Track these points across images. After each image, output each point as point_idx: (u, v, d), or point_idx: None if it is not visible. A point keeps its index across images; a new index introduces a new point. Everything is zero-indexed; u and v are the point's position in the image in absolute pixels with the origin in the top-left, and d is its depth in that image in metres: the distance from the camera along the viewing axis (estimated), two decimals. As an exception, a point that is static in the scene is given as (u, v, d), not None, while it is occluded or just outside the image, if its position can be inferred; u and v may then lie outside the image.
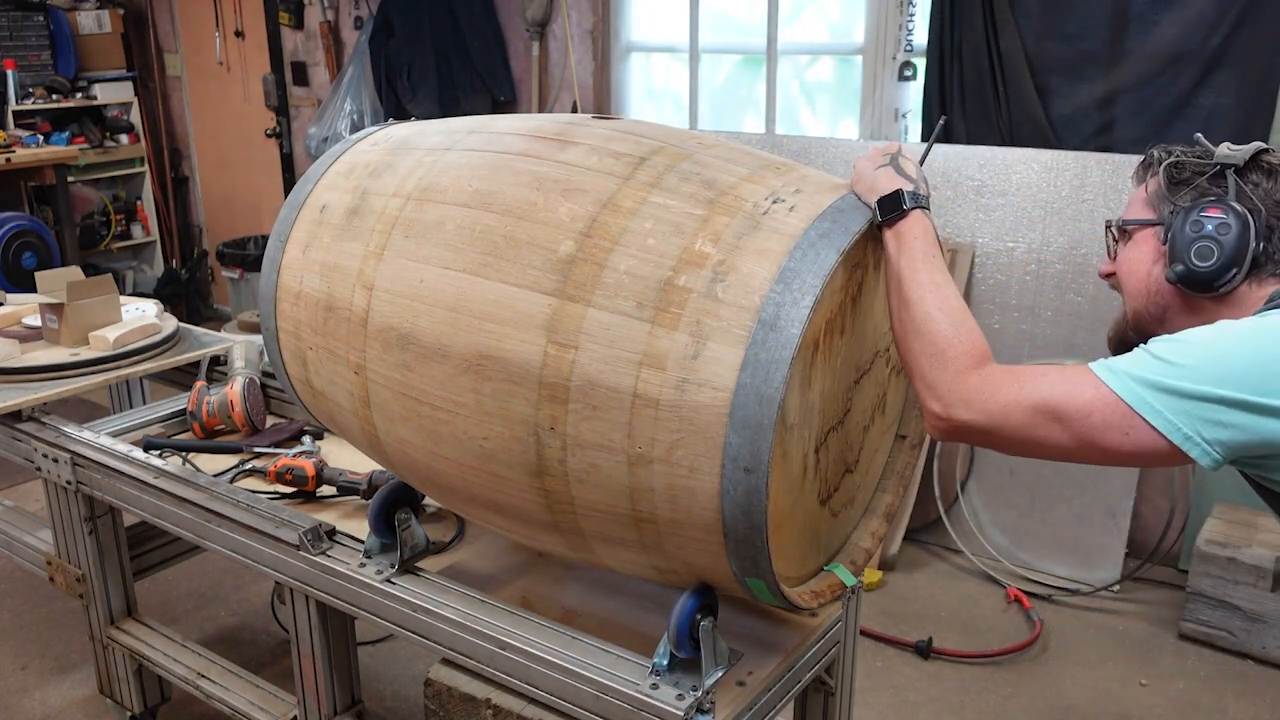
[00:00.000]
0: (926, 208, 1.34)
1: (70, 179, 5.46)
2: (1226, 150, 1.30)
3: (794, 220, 1.31)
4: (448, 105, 4.62)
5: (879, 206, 1.33)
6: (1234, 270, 1.25)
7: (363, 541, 1.75)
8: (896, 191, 1.33)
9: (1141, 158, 1.40)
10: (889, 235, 1.33)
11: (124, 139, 5.98)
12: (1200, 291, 1.28)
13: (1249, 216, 1.25)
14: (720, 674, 1.42)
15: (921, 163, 1.43)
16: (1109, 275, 1.43)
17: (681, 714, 1.35)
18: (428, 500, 1.88)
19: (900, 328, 1.30)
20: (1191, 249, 1.27)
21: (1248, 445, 1.15)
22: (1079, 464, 1.21)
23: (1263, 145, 1.30)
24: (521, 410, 1.37)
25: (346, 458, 2.17)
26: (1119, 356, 1.20)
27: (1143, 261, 1.35)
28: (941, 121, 1.72)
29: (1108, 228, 1.41)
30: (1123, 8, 3.21)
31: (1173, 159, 1.33)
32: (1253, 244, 1.25)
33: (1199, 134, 1.38)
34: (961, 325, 1.25)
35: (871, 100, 3.90)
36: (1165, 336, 1.21)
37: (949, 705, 2.80)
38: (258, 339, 2.58)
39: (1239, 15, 3.02)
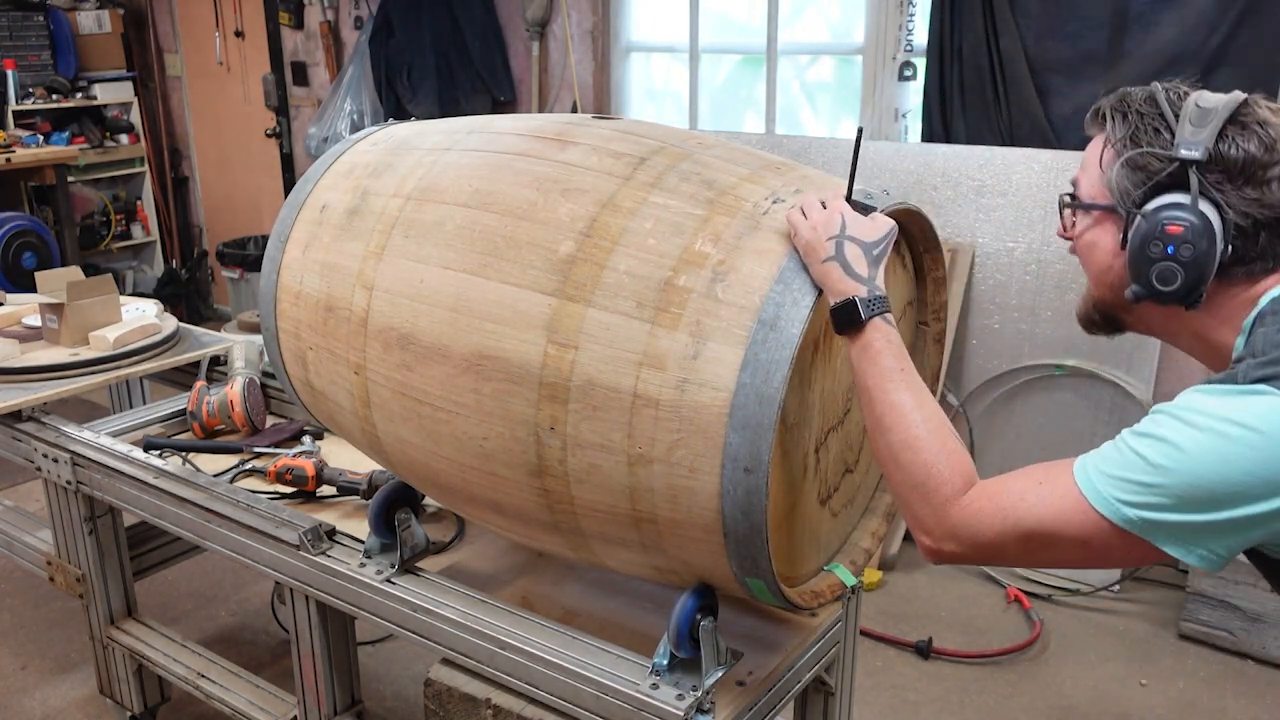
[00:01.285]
0: (885, 310, 1.24)
1: (70, 179, 5.46)
2: (1188, 135, 1.14)
3: (794, 220, 1.31)
4: (448, 105, 4.62)
5: (833, 317, 1.25)
6: (1200, 287, 1.14)
7: (363, 541, 1.75)
8: (849, 301, 1.23)
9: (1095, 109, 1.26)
10: (851, 347, 1.25)
11: (124, 139, 5.98)
12: (1169, 304, 1.17)
13: (1213, 223, 1.12)
14: (720, 674, 1.42)
15: (849, 194, 1.33)
16: (1066, 237, 1.32)
17: (681, 714, 1.35)
18: (428, 500, 1.88)
19: (878, 452, 1.22)
20: (1153, 271, 1.14)
21: (1257, 540, 1.08)
22: None
23: (1237, 101, 1.15)
24: (521, 410, 1.37)
25: (346, 458, 2.17)
26: (1102, 457, 1.11)
27: (1104, 250, 1.23)
28: (858, 134, 1.41)
29: (1062, 203, 1.30)
30: (1123, 8, 3.21)
31: (1131, 151, 1.18)
32: (1220, 248, 1.12)
33: (1158, 84, 1.20)
34: (942, 448, 1.16)
35: (871, 100, 3.90)
36: (1150, 426, 1.08)
37: (949, 705, 2.80)
38: (258, 339, 2.58)
39: (1239, 15, 3.01)
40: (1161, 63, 3.16)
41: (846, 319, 1.24)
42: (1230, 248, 1.14)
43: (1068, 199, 1.28)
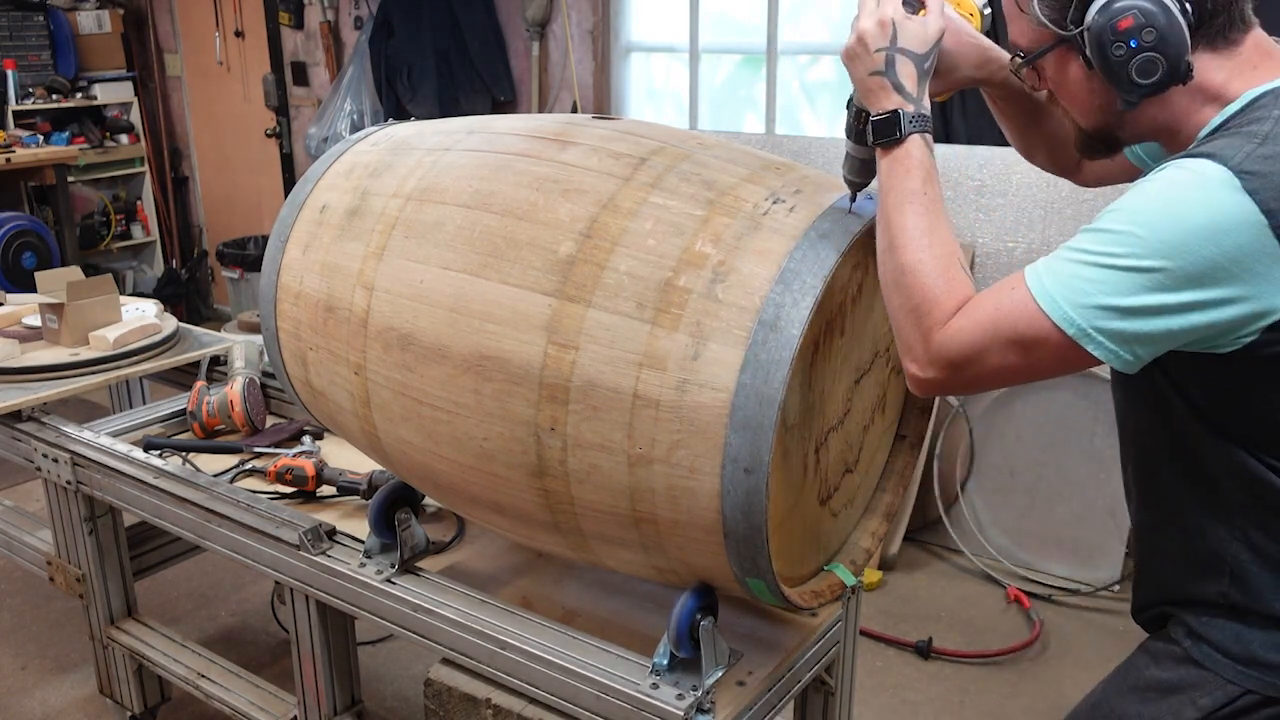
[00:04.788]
0: (927, 130, 1.21)
1: (70, 179, 5.46)
2: None
3: (794, 220, 1.31)
4: (448, 105, 4.62)
5: (872, 129, 1.21)
6: (1183, 58, 1.10)
7: (363, 541, 1.75)
8: (894, 113, 1.20)
9: None
10: (883, 160, 1.21)
11: (124, 139, 5.98)
12: (1166, 88, 1.13)
13: (1162, 2, 1.09)
14: (720, 674, 1.42)
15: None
16: (1037, 89, 1.29)
17: (681, 714, 1.35)
18: (428, 500, 1.88)
19: (883, 275, 1.20)
20: (1131, 70, 1.10)
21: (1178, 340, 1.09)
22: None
23: None
24: (522, 411, 1.37)
25: (346, 458, 2.17)
26: (1053, 256, 1.10)
27: (1076, 81, 1.20)
28: None
29: (1014, 67, 1.26)
30: (1123, 8, 3.21)
31: None
32: (1179, 16, 1.09)
33: None
34: (943, 276, 1.15)
35: (871, 100, 3.90)
36: (1102, 226, 1.08)
37: (949, 705, 2.80)
38: (258, 339, 2.58)
39: (1239, 15, 3.01)
40: (1161, 63, 3.16)
41: (886, 132, 1.20)
42: (1190, 8, 1.10)
43: (1019, 59, 1.25)
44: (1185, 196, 1.05)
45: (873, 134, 1.22)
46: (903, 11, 1.24)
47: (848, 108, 1.30)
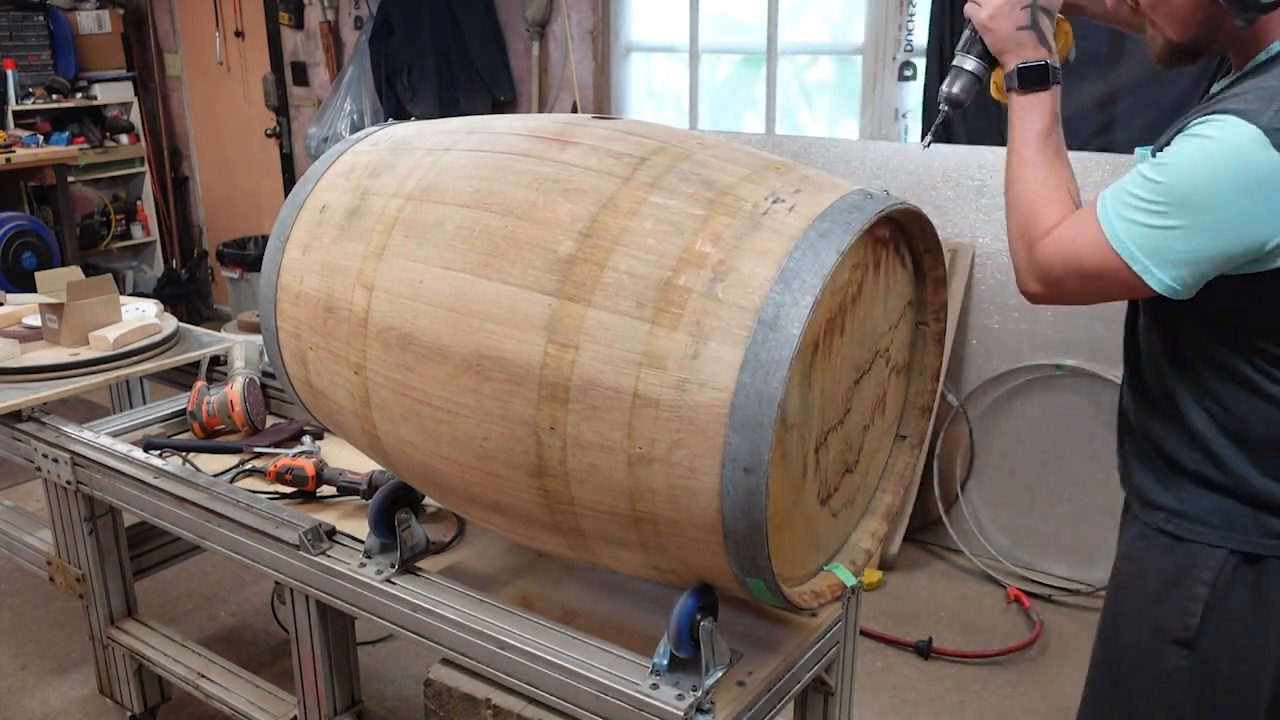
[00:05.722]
0: (1060, 82, 1.38)
1: (70, 179, 5.46)
2: None
3: (794, 220, 1.31)
4: (448, 105, 4.62)
5: (1019, 74, 1.38)
6: None
7: (363, 541, 1.75)
8: (1044, 65, 1.38)
9: None
10: (1019, 102, 1.39)
11: (124, 139, 5.98)
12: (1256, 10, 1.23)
13: None
14: (720, 674, 1.42)
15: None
16: (1135, 5, 1.37)
17: (681, 714, 1.35)
18: (428, 500, 1.88)
19: (1007, 197, 1.40)
20: None
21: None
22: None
23: None
24: (521, 410, 1.37)
25: (346, 458, 2.16)
26: (1118, 184, 1.26)
27: (1181, 3, 1.30)
28: None
29: None
30: (1123, 8, 3.21)
31: None
32: None
33: None
34: (1050, 201, 1.33)
35: (871, 100, 3.90)
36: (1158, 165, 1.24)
37: (949, 705, 2.80)
38: (258, 339, 2.58)
39: (1239, 15, 3.02)
40: (1161, 63, 3.16)
41: (1035, 80, 1.39)
42: None
43: None
44: (1220, 155, 1.20)
45: (1019, 80, 1.39)
46: None
47: (967, 25, 1.47)
